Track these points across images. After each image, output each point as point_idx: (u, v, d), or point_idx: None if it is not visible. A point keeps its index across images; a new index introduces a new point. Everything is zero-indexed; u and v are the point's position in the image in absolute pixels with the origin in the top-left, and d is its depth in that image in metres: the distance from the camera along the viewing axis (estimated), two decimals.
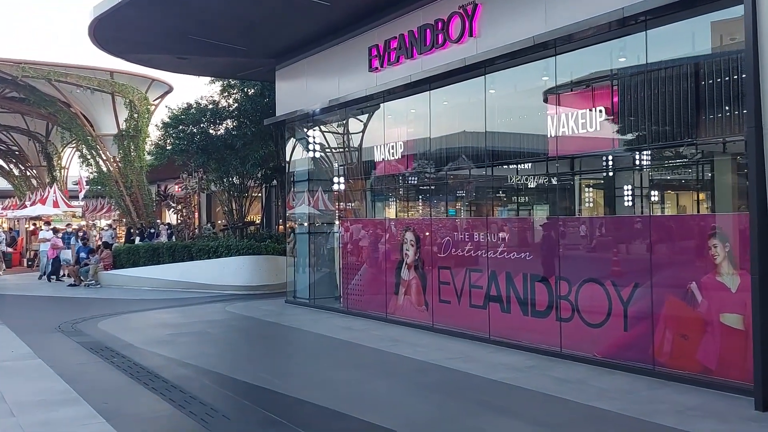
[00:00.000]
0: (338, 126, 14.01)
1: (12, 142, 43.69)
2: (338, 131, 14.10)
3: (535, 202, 10.95)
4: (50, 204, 28.84)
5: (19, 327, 11.70)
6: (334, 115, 13.62)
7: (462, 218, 11.53)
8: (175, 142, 18.49)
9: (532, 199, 11.02)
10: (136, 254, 19.40)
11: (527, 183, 10.86)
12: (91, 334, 11.09)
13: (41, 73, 28.69)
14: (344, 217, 14.03)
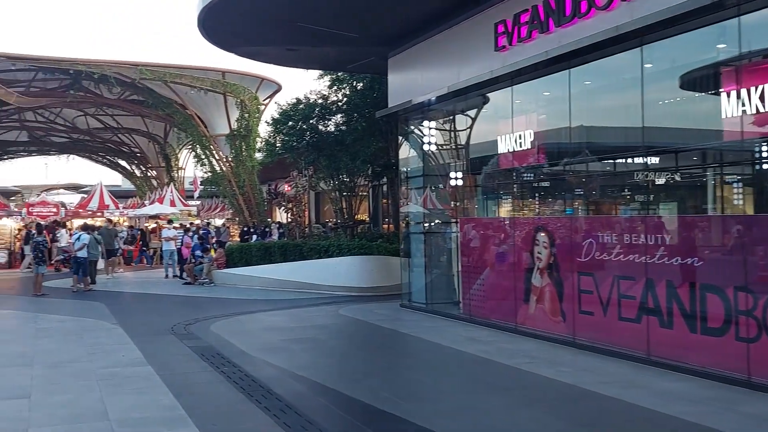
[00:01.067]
0: (456, 116, 12.92)
1: (134, 145, 45.66)
2: (456, 122, 13.01)
3: (704, 199, 9.35)
4: (167, 203, 29.51)
5: (134, 328, 11.42)
6: (451, 104, 12.54)
7: (611, 216, 10.09)
8: (284, 139, 18.06)
9: (700, 195, 9.44)
10: (248, 253, 19.14)
11: (699, 176, 9.29)
12: (203, 338, 10.60)
13: (157, 75, 29.38)
14: (464, 216, 12.92)
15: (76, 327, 11.64)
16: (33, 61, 28.56)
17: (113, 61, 29.15)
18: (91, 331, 11.24)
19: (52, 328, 11.59)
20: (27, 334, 10.97)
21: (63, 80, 32.21)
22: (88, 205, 29.21)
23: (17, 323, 12.23)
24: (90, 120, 41.59)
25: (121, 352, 9.38)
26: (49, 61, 28.56)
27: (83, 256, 17.75)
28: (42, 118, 41.57)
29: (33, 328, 11.63)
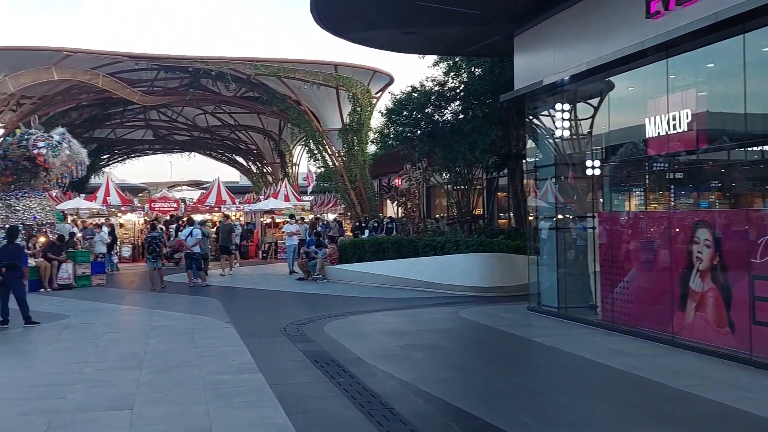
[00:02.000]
0: (594, 97, 11.49)
1: (250, 141, 46.61)
2: (593, 103, 11.58)
3: None
4: (282, 198, 29.55)
5: (246, 328, 10.91)
6: (589, 84, 11.11)
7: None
8: (398, 130, 17.19)
9: None
10: (361, 249, 18.47)
11: None
12: (317, 341, 9.87)
13: (271, 70, 29.44)
14: (602, 209, 11.48)
15: (188, 326, 11.28)
16: (154, 59, 29.41)
17: (229, 58, 29.51)
18: (203, 330, 10.83)
19: (166, 326, 11.29)
20: (140, 332, 10.70)
21: (183, 79, 33.10)
22: (206, 200, 29.77)
23: (133, 320, 12.08)
24: (209, 118, 42.82)
25: (232, 355, 8.79)
26: (169, 59, 29.32)
27: (197, 252, 17.73)
28: (165, 117, 43.25)
29: (147, 326, 11.39)
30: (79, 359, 8.53)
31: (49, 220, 18.00)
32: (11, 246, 11.21)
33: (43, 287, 16.61)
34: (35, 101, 29.03)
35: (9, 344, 9.83)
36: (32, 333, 10.63)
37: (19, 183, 17.56)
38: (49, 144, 16.93)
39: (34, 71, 26.66)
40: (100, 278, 18.06)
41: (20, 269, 11.20)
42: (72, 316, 12.42)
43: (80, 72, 28.15)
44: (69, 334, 10.59)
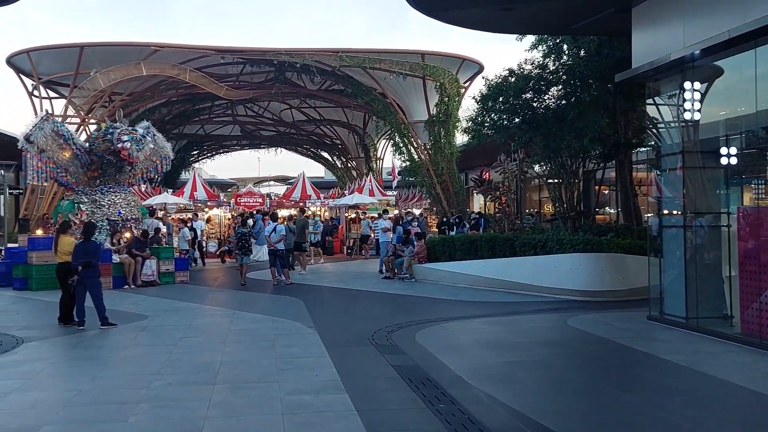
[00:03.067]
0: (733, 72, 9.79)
1: (335, 136, 46.16)
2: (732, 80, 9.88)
3: None
4: (366, 193, 28.68)
5: (331, 335, 9.95)
6: (728, 57, 9.44)
7: None
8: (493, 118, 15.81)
9: None
10: (451, 246, 17.22)
11: None
12: (408, 353, 8.75)
13: (356, 61, 28.58)
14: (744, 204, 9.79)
15: (270, 330, 10.41)
16: (239, 53, 29.14)
17: (314, 49, 28.88)
18: (285, 336, 9.91)
19: (245, 330, 10.46)
20: (218, 337, 9.90)
21: (268, 73, 32.80)
22: (291, 195, 29.31)
23: (212, 323, 11.36)
24: (294, 113, 42.62)
25: (315, 369, 7.79)
26: (253, 52, 28.98)
27: (281, 248, 17.02)
28: (251, 113, 43.37)
29: (226, 329, 10.61)
30: (150, 370, 7.76)
31: (134, 215, 17.73)
32: (87, 243, 10.68)
33: (126, 284, 16.32)
34: (124, 98, 29.37)
35: (82, 349, 9.23)
36: (107, 336, 10.04)
37: (104, 178, 17.35)
38: (133, 138, 16.59)
39: (124, 67, 26.87)
40: (184, 275, 17.65)
41: (96, 268, 10.65)
42: (151, 316, 11.83)
43: (168, 67, 28.22)
44: (144, 337, 9.92)
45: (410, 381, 7.20)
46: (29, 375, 7.45)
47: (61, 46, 27.20)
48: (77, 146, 16.86)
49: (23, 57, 27.60)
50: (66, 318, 10.87)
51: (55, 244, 11.00)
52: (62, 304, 10.97)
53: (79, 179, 17.19)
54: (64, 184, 17.20)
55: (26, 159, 15.86)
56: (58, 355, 8.72)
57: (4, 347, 9.07)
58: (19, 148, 15.89)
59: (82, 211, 16.64)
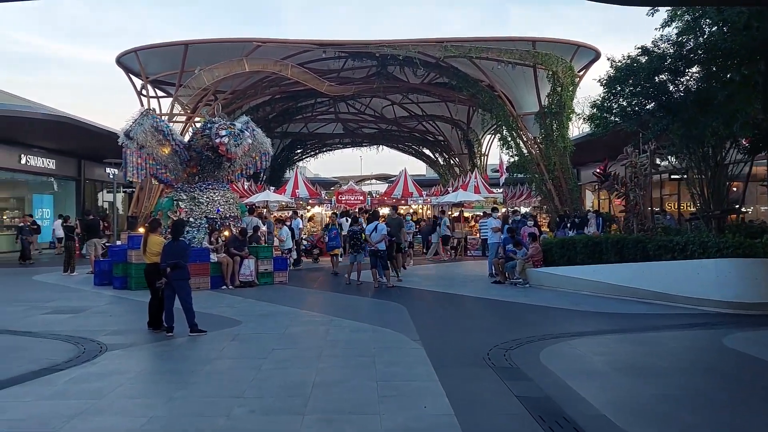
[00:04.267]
0: None
1: (438, 132, 44.84)
2: None
3: None
4: (471, 190, 27.17)
5: (439, 351, 8.63)
6: None
7: None
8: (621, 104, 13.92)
9: None
10: (571, 249, 15.47)
11: None
12: (533, 378, 7.28)
13: (462, 51, 27.09)
14: None
15: (370, 342, 9.22)
16: (341, 46, 28.36)
17: (417, 40, 27.64)
18: (387, 350, 8.68)
19: (343, 342, 9.31)
20: (313, 349, 8.80)
21: (370, 68, 31.92)
22: (392, 193, 28.23)
23: (308, 332, 10.30)
24: (396, 109, 41.66)
25: (423, 397, 6.50)
26: (355, 45, 28.10)
27: (383, 249, 15.88)
28: (353, 110, 42.81)
29: (322, 340, 9.50)
30: (233, 390, 6.73)
31: (233, 212, 17.13)
32: (176, 243, 9.90)
33: (224, 284, 15.71)
34: (227, 96, 29.32)
35: (164, 361, 8.39)
36: (195, 345, 9.18)
37: (203, 174, 16.85)
38: (231, 133, 15.95)
39: (227, 63, 26.72)
40: (283, 275, 16.88)
41: (185, 269, 9.84)
42: (243, 322, 10.95)
43: (270, 63, 27.87)
44: (233, 348, 8.98)
45: (542, 420, 5.78)
46: (101, 393, 6.60)
47: (166, 44, 27.42)
48: (176, 142, 16.44)
49: (132, 56, 28.07)
50: (155, 323, 10.16)
51: (143, 244, 10.31)
52: (151, 307, 10.28)
53: (179, 176, 16.78)
54: (164, 181, 16.83)
55: (126, 155, 15.55)
56: (138, 367, 7.90)
57: (86, 356, 8.38)
58: (120, 145, 15.60)
59: (181, 209, 16.19)
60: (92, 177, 36.98)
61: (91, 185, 38.04)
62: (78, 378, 7.23)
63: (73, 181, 35.72)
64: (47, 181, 33.62)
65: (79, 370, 7.61)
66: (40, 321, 11.13)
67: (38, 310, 12.38)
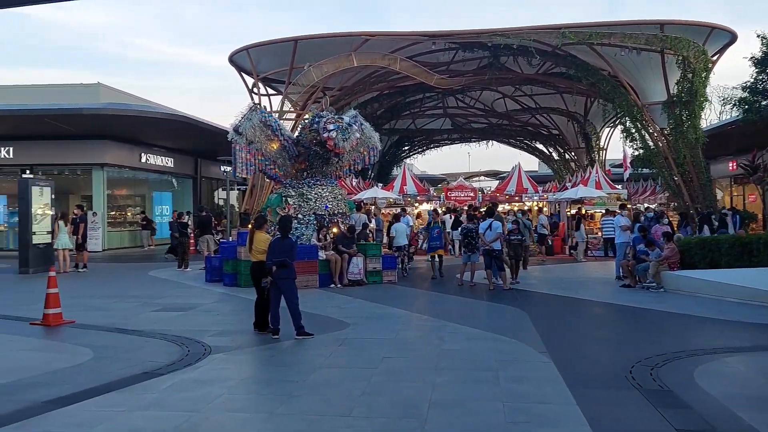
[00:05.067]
0: None
1: (552, 125, 42.85)
2: None
3: None
4: (592, 185, 25.41)
5: (571, 366, 7.54)
6: None
7: None
8: None
9: None
10: (715, 250, 13.76)
11: None
12: (692, 405, 6.07)
13: (582, 37, 25.34)
14: None
15: (491, 353, 8.24)
16: (451, 37, 27.36)
17: (533, 27, 26.13)
18: (511, 364, 7.68)
19: (460, 352, 8.38)
20: (426, 360, 7.93)
21: (481, 60, 30.72)
22: (505, 189, 26.93)
23: (420, 338, 9.46)
24: (508, 102, 40.11)
25: (560, 426, 5.48)
26: (466, 35, 26.98)
27: (498, 248, 14.82)
28: (462, 104, 41.66)
29: (436, 348, 8.62)
30: (340, 407, 5.99)
31: (341, 209, 16.60)
32: (283, 240, 9.34)
33: (333, 283, 15.20)
34: (335, 92, 29.05)
35: (269, 367, 7.81)
36: (300, 350, 8.57)
37: (311, 170, 16.42)
38: (339, 127, 15.40)
39: (335, 59, 26.43)
40: (392, 275, 16.17)
41: (291, 268, 9.26)
42: (352, 325, 10.27)
43: (378, 57, 27.32)
44: (341, 355, 8.28)
45: None
46: (199, 405, 6.04)
47: (276, 41, 27.49)
48: (284, 137, 16.11)
49: (243, 55, 28.40)
50: (261, 324, 9.67)
51: (249, 241, 9.84)
52: (257, 307, 9.80)
53: (287, 172, 16.45)
54: (273, 177, 16.56)
55: (235, 151, 15.36)
56: (240, 374, 7.34)
57: (190, 359, 7.94)
58: (229, 141, 15.43)
59: (289, 205, 15.82)
60: (208, 175, 38.07)
61: (207, 183, 39.22)
62: (178, 385, 6.74)
63: (190, 179, 36.89)
64: (166, 178, 34.85)
65: (180, 375, 7.14)
66: (150, 319, 10.96)
67: (149, 307, 12.30)
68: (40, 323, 10.15)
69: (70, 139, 27.43)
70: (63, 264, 18.73)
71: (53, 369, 7.39)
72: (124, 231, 30.86)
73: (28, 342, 8.93)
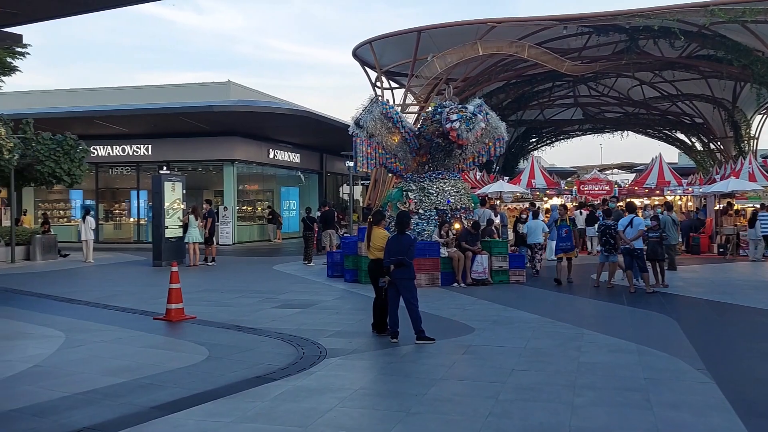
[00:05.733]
0: None
1: (695, 113, 39.58)
2: None
3: None
4: (745, 177, 22.88)
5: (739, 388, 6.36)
6: None
7: None
8: None
9: None
10: None
11: None
12: None
13: (733, 14, 22.85)
14: None
15: (637, 369, 7.16)
16: (583, 20, 25.65)
17: (677, 6, 23.89)
18: (663, 383, 6.58)
19: (600, 365, 7.35)
20: (563, 376, 6.99)
21: (617, 44, 28.71)
22: (644, 182, 24.87)
23: (553, 347, 8.47)
24: (646, 90, 37.45)
25: None
26: (602, 17, 25.17)
27: (639, 247, 13.44)
28: (595, 93, 39.43)
29: (573, 361, 7.62)
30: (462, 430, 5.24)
31: (464, 204, 15.78)
32: (401, 237, 8.70)
33: (455, 281, 14.44)
34: (459, 84, 28.14)
35: (386, 376, 7.21)
36: (420, 357, 7.90)
37: (433, 163, 15.72)
38: (463, 117, 14.58)
39: (460, 48, 25.56)
40: (520, 274, 15.16)
41: (410, 268, 8.61)
42: (477, 329, 9.47)
43: (505, 44, 26.15)
44: (465, 364, 7.52)
45: None
46: (308, 419, 5.51)
47: (399, 32, 27.02)
48: (406, 129, 15.51)
49: (366, 48, 28.19)
50: (379, 326, 9.11)
51: (367, 238, 9.29)
52: (375, 308, 9.25)
53: (408, 165, 15.85)
54: (393, 171, 16.01)
55: (356, 145, 14.94)
56: (355, 383, 6.75)
57: (304, 362, 7.49)
58: (350, 134, 15.05)
59: (410, 200, 15.22)
60: (333, 170, 38.45)
61: (332, 178, 39.66)
62: (288, 393, 6.27)
63: (316, 174, 37.40)
64: (294, 174, 35.53)
65: (293, 381, 6.68)
66: (269, 316, 10.74)
67: (269, 302, 12.14)
68: (163, 318, 10.18)
69: (202, 137, 28.47)
70: (193, 257, 19.26)
71: (167, 369, 7.18)
72: (253, 225, 31.73)
73: (149, 339, 8.89)
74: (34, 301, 12.60)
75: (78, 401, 5.99)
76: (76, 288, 14.54)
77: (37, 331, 9.26)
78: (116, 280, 16.52)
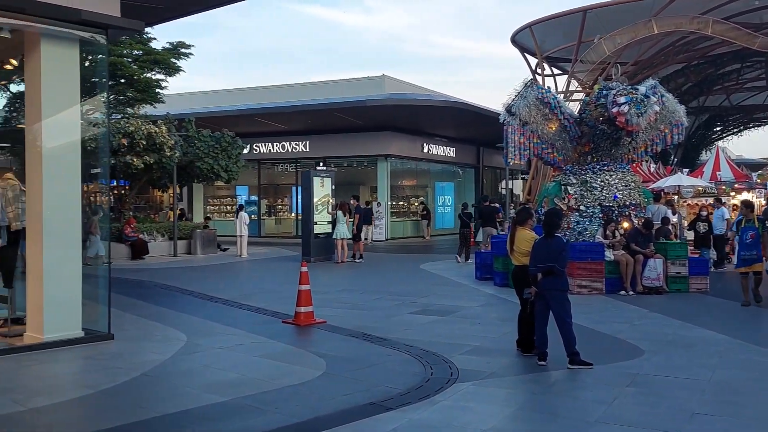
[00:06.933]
0: None
1: None
2: None
3: None
4: None
5: None
6: None
7: None
8: None
9: None
10: None
11: None
12: None
13: None
14: None
15: None
16: None
17: None
18: None
19: None
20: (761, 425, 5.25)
21: None
22: None
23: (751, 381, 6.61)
24: None
25: None
26: None
27: None
28: None
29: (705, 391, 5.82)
30: None
31: (634, 200, 13.79)
32: (549, 241, 7.28)
33: (623, 289, 12.58)
34: (629, 67, 25.46)
35: (526, 412, 5.89)
36: (573, 387, 6.47)
37: (597, 153, 13.89)
38: (633, 99, 12.66)
39: (631, 28, 23.05)
40: (702, 281, 12.96)
41: (562, 277, 7.17)
42: (647, 352, 7.79)
43: (685, 20, 23.20)
44: (628, 403, 5.96)
45: None
46: None
47: (561, 14, 24.94)
48: (565, 116, 13.82)
49: (526, 33, 26.42)
50: (525, 343, 7.75)
51: (510, 240, 7.94)
52: (521, 322, 7.89)
53: (567, 156, 14.14)
54: (550, 162, 14.35)
55: (507, 134, 13.52)
56: (485, 421, 5.46)
57: (429, 387, 6.37)
58: (501, 123, 13.66)
59: (569, 195, 13.54)
60: (491, 164, 36.91)
61: (490, 172, 38.13)
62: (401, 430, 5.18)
63: (472, 169, 36.08)
64: (449, 168, 34.47)
65: (410, 414, 5.58)
66: (403, 323, 9.75)
67: (407, 307, 11.16)
68: (291, 322, 9.55)
69: (357, 132, 28.29)
70: (341, 254, 18.87)
71: (275, 387, 6.38)
72: (406, 221, 31.15)
73: (269, 346, 8.22)
74: (176, 297, 12.62)
75: (155, 427, 5.30)
76: (221, 284, 14.55)
77: (162, 333, 8.96)
78: (262, 276, 16.46)
